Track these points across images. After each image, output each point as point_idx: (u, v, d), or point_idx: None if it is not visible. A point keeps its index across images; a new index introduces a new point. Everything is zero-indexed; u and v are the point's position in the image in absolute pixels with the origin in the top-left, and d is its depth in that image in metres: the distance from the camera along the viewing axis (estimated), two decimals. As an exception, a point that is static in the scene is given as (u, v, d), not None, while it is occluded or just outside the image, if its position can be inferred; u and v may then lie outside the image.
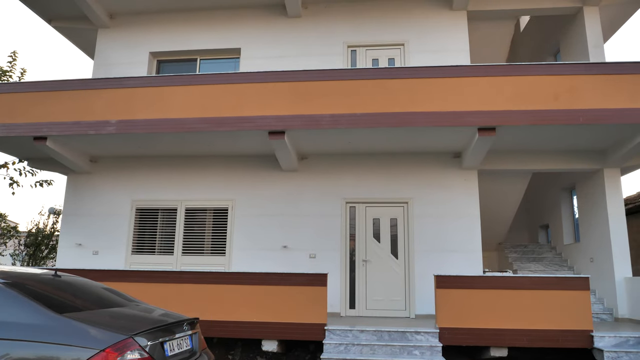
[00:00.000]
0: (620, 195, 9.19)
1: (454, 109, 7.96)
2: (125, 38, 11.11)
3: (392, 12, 10.38)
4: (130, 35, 11.10)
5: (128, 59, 10.92)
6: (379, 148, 9.17)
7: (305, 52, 10.32)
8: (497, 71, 8.28)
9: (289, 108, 8.26)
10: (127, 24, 11.19)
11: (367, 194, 9.38)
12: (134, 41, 11.03)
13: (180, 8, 10.92)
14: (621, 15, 10.78)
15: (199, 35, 10.83)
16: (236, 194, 9.64)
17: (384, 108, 8.05)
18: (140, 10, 11.05)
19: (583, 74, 8.18)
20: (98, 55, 11.12)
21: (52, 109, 8.95)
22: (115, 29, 11.22)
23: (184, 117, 8.46)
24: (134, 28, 11.14)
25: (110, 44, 11.13)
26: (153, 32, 11.03)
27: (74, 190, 10.16)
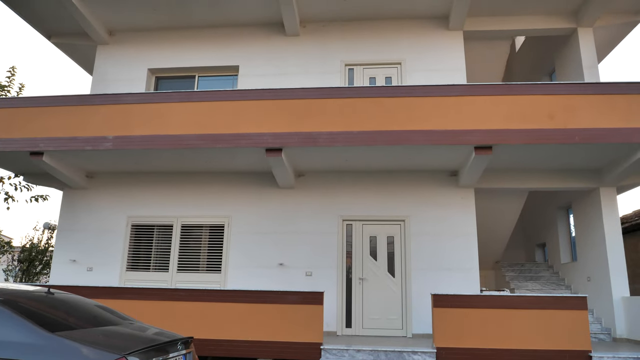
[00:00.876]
0: (616, 214, 9.21)
1: (451, 127, 8.00)
2: (124, 54, 11.17)
3: (389, 32, 10.50)
4: (129, 52, 11.16)
5: (126, 75, 10.96)
6: (376, 166, 9.19)
7: (303, 70, 10.39)
8: (493, 90, 8.36)
9: (286, 125, 8.29)
10: (126, 40, 11.27)
11: (364, 212, 9.36)
12: (132, 58, 11.10)
13: (179, 25, 11.01)
14: (615, 36, 10.95)
15: (198, 52, 10.90)
16: (232, 211, 9.61)
17: (381, 126, 8.08)
18: (140, 27, 11.13)
19: (578, 94, 8.26)
20: (96, 71, 11.16)
21: (49, 124, 8.95)
22: (114, 45, 11.30)
23: (181, 133, 8.46)
24: (133, 45, 11.21)
25: (109, 60, 11.19)
26: (152, 49, 11.10)
27: (69, 205, 10.10)
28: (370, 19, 10.58)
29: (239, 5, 10.28)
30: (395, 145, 8.08)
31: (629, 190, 9.97)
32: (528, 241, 13.35)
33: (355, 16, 10.51)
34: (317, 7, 10.29)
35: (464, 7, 9.79)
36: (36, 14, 10.81)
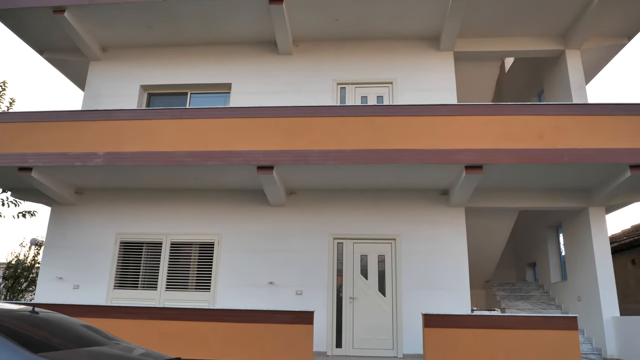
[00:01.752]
0: (605, 234, 9.26)
1: (442, 146, 8.06)
2: (116, 71, 11.17)
3: (381, 52, 10.62)
4: (122, 68, 11.17)
5: (118, 91, 10.94)
6: (367, 184, 9.20)
7: (295, 89, 10.45)
8: (483, 110, 8.46)
9: (278, 143, 8.30)
10: (119, 57, 11.28)
11: (355, 230, 9.33)
12: (125, 74, 11.09)
13: (172, 42, 11.05)
14: (602, 58, 11.16)
15: (190, 69, 10.94)
16: (223, 229, 9.53)
17: (373, 145, 8.12)
18: (133, 44, 11.16)
19: (567, 115, 8.39)
20: (88, 86, 11.14)
21: (39, 139, 8.89)
22: (106, 61, 11.30)
23: (172, 150, 8.44)
24: (126, 61, 11.22)
25: (101, 76, 11.17)
26: (144, 66, 11.11)
27: (57, 222, 9.97)
28: (362, 39, 10.70)
29: (233, 23, 10.36)
30: (387, 164, 8.11)
31: (618, 209, 10.06)
32: (518, 260, 13.37)
33: (347, 36, 10.63)
34: (310, 27, 10.41)
35: (454, 28, 9.95)
36: (29, 29, 10.80)
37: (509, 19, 10.00)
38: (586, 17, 9.57)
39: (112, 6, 10.03)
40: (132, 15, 10.23)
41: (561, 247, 11.21)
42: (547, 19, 10.02)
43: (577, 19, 9.88)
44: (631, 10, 9.66)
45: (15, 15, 10.34)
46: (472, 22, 10.04)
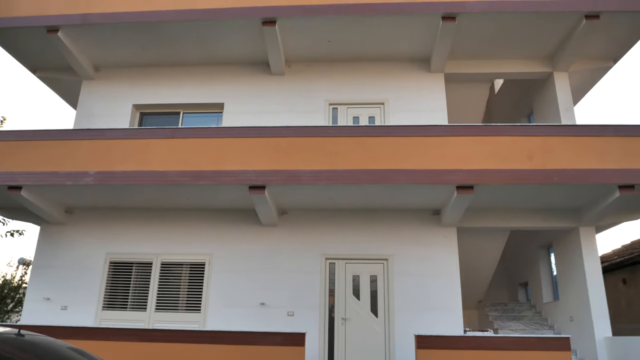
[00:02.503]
0: (596, 254, 9.30)
1: (433, 167, 8.12)
2: (109, 90, 11.19)
3: (372, 73, 10.75)
4: (114, 88, 11.19)
5: (111, 110, 10.94)
6: (359, 204, 9.21)
7: (288, 109, 10.51)
8: (474, 131, 8.55)
9: (270, 163, 8.32)
10: (112, 76, 11.31)
11: (347, 250, 9.30)
12: (117, 93, 11.11)
13: (166, 62, 11.12)
14: (589, 80, 11.36)
15: (183, 89, 10.98)
16: (214, 249, 9.46)
17: (364, 165, 8.16)
18: (126, 63, 11.20)
19: (556, 135, 8.50)
20: (81, 105, 11.13)
21: (29, 158, 8.85)
22: (99, 80, 11.32)
23: (164, 169, 8.43)
24: (119, 80, 11.25)
25: (94, 95, 11.18)
26: (137, 85, 11.14)
27: (46, 241, 9.85)
28: (354, 60, 10.83)
29: (226, 44, 10.46)
30: (378, 184, 8.14)
31: (608, 229, 10.13)
32: (510, 280, 13.36)
33: (339, 57, 10.76)
34: (302, 48, 10.53)
35: (444, 50, 10.11)
36: (22, 48, 10.83)
37: (497, 41, 10.19)
38: (572, 40, 9.78)
39: (106, 26, 10.11)
40: (125, 35, 10.30)
41: (552, 267, 11.24)
42: (535, 42, 10.23)
43: (564, 42, 10.09)
44: (616, 34, 9.88)
45: (9, 34, 10.38)
46: (462, 44, 10.21)
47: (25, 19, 10.26)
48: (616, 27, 9.69)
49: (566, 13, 9.44)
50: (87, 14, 10.13)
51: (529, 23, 9.68)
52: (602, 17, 9.36)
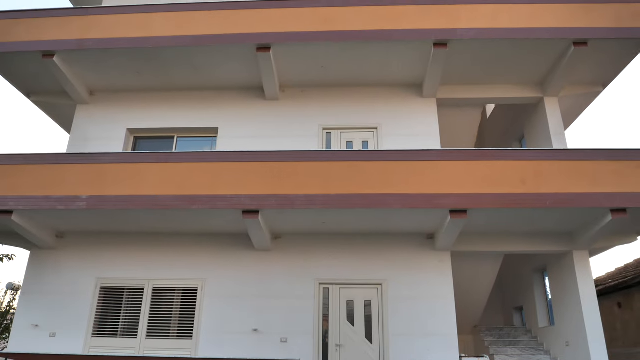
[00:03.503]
0: (590, 278, 9.28)
1: (426, 191, 8.15)
2: (103, 114, 11.20)
3: (366, 98, 10.86)
4: (109, 112, 11.21)
5: (105, 134, 10.94)
6: (353, 229, 9.18)
7: (282, 133, 10.56)
8: (466, 155, 8.61)
9: (264, 187, 8.32)
10: (106, 100, 11.34)
11: (341, 275, 9.23)
12: (112, 117, 11.13)
13: (160, 87, 11.18)
14: (579, 105, 11.52)
15: (177, 113, 11.01)
16: (207, 274, 9.36)
17: (358, 189, 8.17)
18: (121, 88, 11.25)
19: (548, 160, 8.57)
20: (75, 129, 11.12)
21: (21, 182, 8.79)
22: (94, 104, 11.34)
23: (157, 194, 8.39)
24: (113, 104, 11.27)
25: (88, 119, 11.18)
26: (131, 109, 11.17)
27: (36, 266, 9.70)
28: (348, 86, 10.95)
29: (221, 70, 10.56)
30: (372, 209, 8.14)
31: (601, 253, 10.13)
32: (506, 305, 13.28)
33: (333, 82, 10.88)
34: (297, 73, 10.64)
35: (436, 76, 10.25)
36: (17, 72, 10.85)
37: (488, 67, 10.36)
38: (562, 66, 9.95)
39: (102, 51, 10.18)
40: (121, 60, 10.38)
41: (547, 291, 11.19)
42: (525, 68, 10.40)
43: (553, 68, 10.27)
44: (604, 60, 10.07)
45: (4, 58, 10.43)
46: (454, 70, 10.37)
47: (21, 44, 10.32)
48: (604, 53, 9.88)
49: (555, 40, 9.64)
50: (83, 39, 10.21)
51: (519, 50, 9.86)
52: (590, 44, 9.56)
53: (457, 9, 9.96)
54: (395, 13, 9.96)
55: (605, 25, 9.67)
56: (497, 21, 9.77)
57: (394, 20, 9.86)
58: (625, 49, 9.81)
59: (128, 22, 10.40)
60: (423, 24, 9.77)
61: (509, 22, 9.77)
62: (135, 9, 10.60)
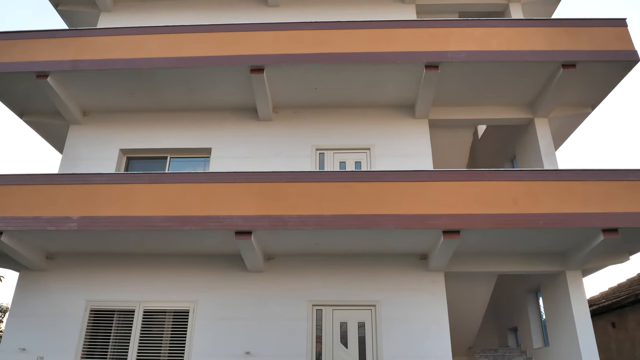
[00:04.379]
0: (584, 298, 9.28)
1: (419, 212, 8.17)
2: (96, 134, 11.18)
3: (358, 119, 10.94)
4: (102, 132, 11.19)
5: (97, 154, 10.90)
6: (346, 249, 9.15)
7: (275, 154, 10.58)
8: (459, 176, 8.67)
9: (257, 208, 8.30)
10: (99, 121, 11.33)
11: (335, 297, 9.16)
12: (104, 138, 11.10)
13: (154, 108, 11.20)
14: (569, 126, 11.66)
15: (170, 134, 11.02)
16: (198, 296, 9.24)
17: (351, 210, 8.18)
18: (114, 108, 11.26)
19: (539, 180, 8.66)
20: (67, 149, 11.07)
21: (11, 202, 8.73)
22: (87, 125, 11.32)
23: (149, 215, 8.35)
24: (106, 125, 11.26)
25: (81, 139, 11.15)
26: (124, 130, 11.16)
27: (24, 287, 9.55)
28: (341, 107, 11.03)
29: (215, 91, 10.62)
30: (365, 229, 8.13)
31: (594, 272, 10.14)
32: (500, 325, 13.21)
33: (326, 103, 10.96)
34: (290, 95, 10.72)
35: (428, 97, 10.37)
36: (10, 92, 10.85)
37: (479, 88, 10.50)
38: (551, 88, 10.11)
39: (96, 72, 10.23)
40: (114, 81, 10.42)
41: (541, 312, 11.15)
42: (515, 90, 10.55)
43: (543, 89, 10.42)
44: (592, 82, 10.25)
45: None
46: (445, 91, 10.49)
47: (16, 64, 10.35)
48: (592, 75, 10.06)
49: (544, 63, 9.82)
50: (77, 60, 10.27)
51: (509, 72, 10.02)
52: (578, 66, 9.74)
53: (447, 32, 10.15)
54: (387, 36, 10.13)
55: (592, 48, 9.88)
56: (487, 44, 9.96)
57: (386, 42, 10.02)
58: (613, 71, 9.99)
59: (122, 43, 10.49)
60: (414, 46, 9.94)
61: (499, 45, 9.96)
62: (129, 30, 10.70)
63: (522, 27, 10.27)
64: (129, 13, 12.85)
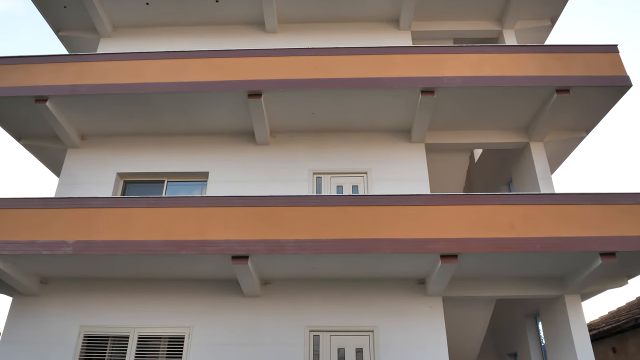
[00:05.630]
0: (583, 322, 9.19)
1: (416, 236, 8.15)
2: (93, 158, 11.19)
3: (355, 143, 11.00)
4: (99, 156, 11.20)
5: (94, 178, 10.88)
6: (343, 274, 9.09)
7: (272, 178, 10.60)
8: (456, 200, 8.69)
9: (254, 233, 8.27)
10: (97, 144, 11.35)
11: (332, 322, 9.05)
12: (102, 161, 11.11)
13: (152, 132, 11.24)
14: (564, 149, 11.75)
15: (168, 158, 11.04)
16: (194, 321, 9.12)
17: (348, 234, 8.16)
18: (112, 132, 11.30)
19: (535, 204, 8.67)
20: (64, 173, 11.07)
21: (6, 226, 8.68)
22: (84, 149, 11.34)
23: (146, 239, 8.31)
24: (103, 149, 11.29)
25: (78, 163, 11.15)
26: (122, 154, 11.18)
27: (17, 313, 9.40)
28: (338, 131, 11.09)
29: (212, 115, 10.69)
30: (362, 254, 8.10)
31: (593, 296, 10.08)
32: (499, 351, 13.04)
33: (323, 128, 11.03)
34: (287, 119, 10.80)
35: (424, 122, 10.47)
36: (8, 116, 10.90)
37: (475, 113, 10.60)
38: (545, 112, 10.22)
39: (95, 97, 10.31)
40: (113, 105, 10.49)
41: (541, 337, 11.04)
42: (510, 114, 10.66)
43: (538, 114, 10.53)
44: (586, 106, 10.36)
45: (-3, 103, 10.50)
46: (441, 116, 10.59)
47: (15, 88, 10.42)
48: (586, 100, 10.18)
49: (538, 88, 9.95)
50: (77, 84, 10.35)
51: (504, 97, 10.14)
52: (572, 91, 9.87)
53: (443, 58, 10.31)
54: (384, 62, 10.28)
55: (586, 73, 10.03)
56: (482, 70, 10.11)
57: (382, 68, 10.16)
58: (606, 95, 10.13)
59: (121, 68, 10.60)
60: (411, 72, 10.07)
61: (493, 70, 10.11)
62: (128, 55, 10.83)
63: (516, 53, 10.45)
64: (129, 38, 13.03)
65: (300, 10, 12.67)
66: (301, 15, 12.80)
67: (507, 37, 12.67)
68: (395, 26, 12.86)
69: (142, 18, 12.95)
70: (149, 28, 13.16)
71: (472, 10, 12.65)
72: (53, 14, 12.89)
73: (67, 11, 12.76)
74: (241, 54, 10.59)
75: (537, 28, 12.96)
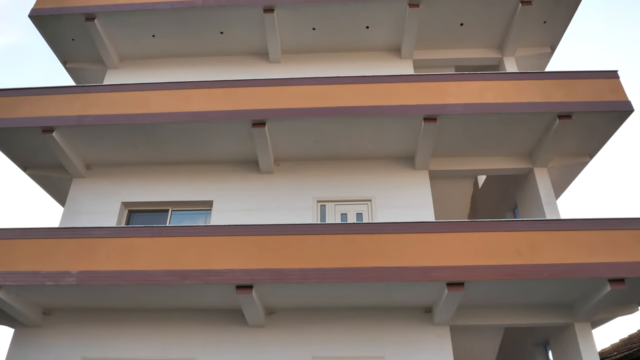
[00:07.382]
0: (594, 350, 8.98)
1: (422, 264, 8.08)
2: (98, 188, 11.24)
3: (359, 171, 11.02)
4: (104, 185, 11.25)
5: (99, 208, 10.90)
6: (349, 303, 8.97)
7: (276, 206, 10.59)
8: (461, 227, 8.63)
9: (258, 262, 8.22)
10: (102, 174, 11.42)
11: (338, 352, 8.87)
12: (106, 191, 11.15)
13: (156, 161, 11.31)
14: (568, 175, 11.72)
15: (172, 187, 11.07)
16: (197, 352, 8.95)
17: (353, 263, 8.09)
18: (117, 161, 11.38)
19: (541, 230, 8.60)
20: (69, 203, 11.10)
21: (10, 257, 8.66)
22: (90, 178, 11.40)
23: (149, 269, 8.27)
24: (109, 178, 11.34)
25: (83, 193, 11.19)
26: (127, 183, 11.23)
27: (19, 344, 9.27)
28: (342, 159, 11.13)
29: (217, 144, 10.78)
30: (367, 282, 8.01)
31: (604, 324, 9.88)
32: (509, 381, 12.72)
33: (327, 156, 11.08)
34: (291, 148, 10.86)
35: (428, 149, 10.51)
36: (16, 146, 11.00)
37: (478, 140, 10.64)
38: (548, 138, 10.25)
39: (101, 127, 10.43)
40: (118, 135, 10.60)
41: (552, 366, 10.79)
42: (513, 140, 10.69)
43: (541, 140, 10.55)
44: (588, 132, 10.39)
45: (4, 133, 10.62)
46: (444, 143, 10.62)
47: (23, 119, 10.56)
48: (588, 125, 10.22)
49: (540, 114, 10.01)
50: (83, 115, 10.49)
51: (506, 123, 10.19)
52: (574, 117, 9.92)
53: (445, 86, 10.42)
54: (387, 90, 10.39)
55: (587, 99, 10.10)
56: (484, 97, 10.19)
57: (385, 96, 10.26)
58: (608, 121, 10.17)
59: (127, 99, 10.75)
60: (413, 100, 10.17)
61: (495, 97, 10.19)
62: (135, 86, 11.00)
63: (518, 80, 10.55)
64: (135, 70, 13.25)
65: (303, 40, 12.89)
66: (304, 46, 13.02)
67: (507, 65, 12.81)
68: (397, 55, 13.03)
69: (148, 49, 13.20)
70: (155, 59, 13.39)
71: (472, 38, 12.85)
72: (61, 47, 13.16)
73: (75, 44, 13.03)
74: (245, 84, 10.74)
75: (538, 55, 13.12)
